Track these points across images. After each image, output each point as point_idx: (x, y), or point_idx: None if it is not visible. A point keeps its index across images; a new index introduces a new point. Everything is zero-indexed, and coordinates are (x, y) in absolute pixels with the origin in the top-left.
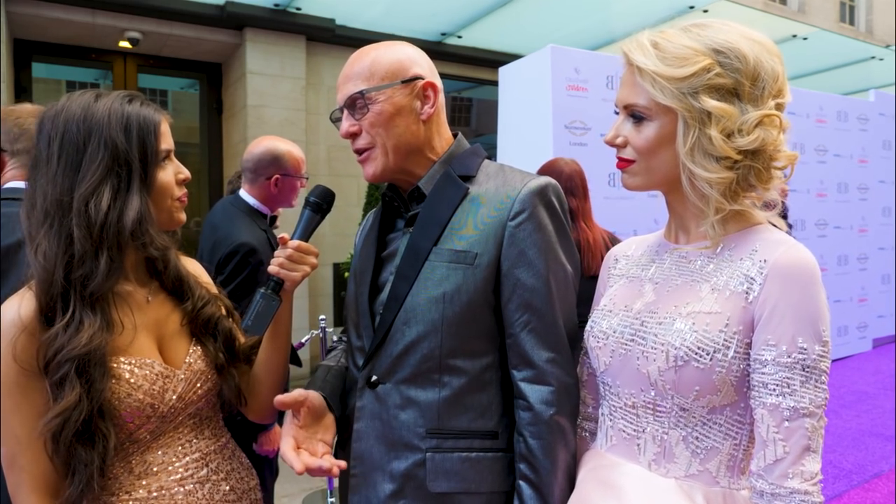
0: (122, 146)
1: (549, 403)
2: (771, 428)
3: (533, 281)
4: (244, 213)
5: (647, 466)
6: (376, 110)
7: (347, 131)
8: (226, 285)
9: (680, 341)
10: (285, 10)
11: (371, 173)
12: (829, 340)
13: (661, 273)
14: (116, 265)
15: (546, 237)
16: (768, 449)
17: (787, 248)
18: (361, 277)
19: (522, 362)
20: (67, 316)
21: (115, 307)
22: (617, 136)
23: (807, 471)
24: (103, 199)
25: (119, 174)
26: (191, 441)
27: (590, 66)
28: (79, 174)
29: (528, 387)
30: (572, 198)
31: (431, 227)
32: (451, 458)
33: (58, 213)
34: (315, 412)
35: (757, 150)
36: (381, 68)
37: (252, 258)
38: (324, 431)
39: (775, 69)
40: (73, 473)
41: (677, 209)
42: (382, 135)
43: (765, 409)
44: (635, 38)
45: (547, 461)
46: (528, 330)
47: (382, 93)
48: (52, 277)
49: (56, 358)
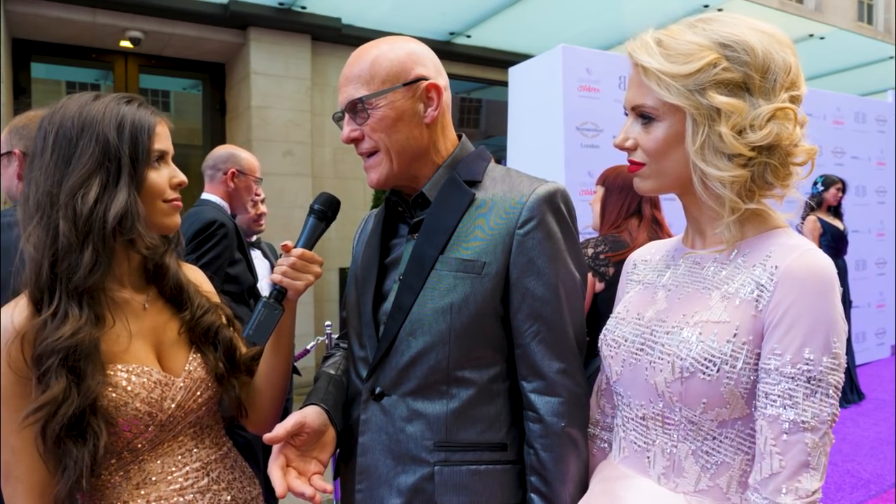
0: (114, 142)
1: (560, 415)
2: (769, 440)
3: (542, 290)
4: (208, 207)
5: (656, 480)
6: (377, 116)
7: (349, 136)
8: (200, 260)
9: (686, 351)
10: (290, 8)
11: (375, 180)
12: (840, 353)
13: (675, 279)
14: (102, 259)
15: (555, 245)
16: (765, 462)
17: (801, 254)
18: (364, 284)
19: (532, 373)
20: (52, 307)
21: (106, 306)
22: (626, 139)
23: (802, 488)
24: (91, 193)
25: (108, 169)
26: (191, 450)
27: (602, 66)
28: (69, 167)
29: (538, 398)
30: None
31: (437, 234)
32: (460, 472)
33: (47, 205)
34: (314, 433)
35: (772, 145)
36: (381, 71)
37: (220, 230)
38: (320, 449)
39: (787, 60)
40: (63, 470)
41: (693, 212)
42: (385, 140)
43: (764, 421)
44: (640, 37)
45: (558, 473)
46: (537, 340)
47: (383, 98)
48: (41, 269)
49: (39, 350)
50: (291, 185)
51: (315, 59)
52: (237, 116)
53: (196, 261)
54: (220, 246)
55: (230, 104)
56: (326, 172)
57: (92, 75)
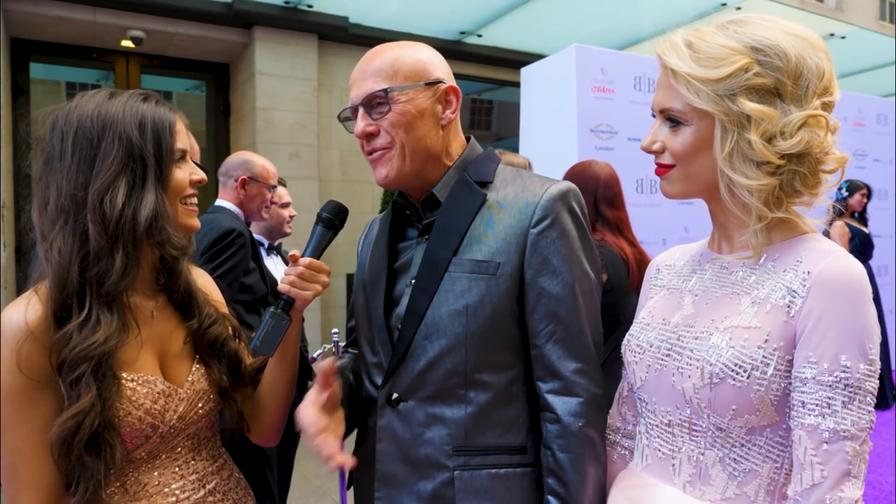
0: (137, 141)
1: (578, 415)
2: (809, 450)
3: (558, 290)
4: (224, 214)
5: (681, 488)
6: (398, 110)
7: (364, 131)
8: (217, 270)
9: (716, 357)
10: (296, 7)
11: (384, 175)
12: (876, 359)
13: (702, 284)
14: (133, 263)
15: (570, 244)
16: (805, 473)
17: (834, 259)
18: (373, 290)
19: (549, 374)
20: (83, 315)
21: (129, 312)
22: (654, 142)
23: (845, 497)
24: (118, 195)
25: (134, 170)
26: (188, 462)
27: (617, 66)
28: (93, 169)
29: (555, 399)
30: (612, 208)
31: (450, 236)
32: (480, 476)
33: (72, 209)
34: (333, 400)
35: (802, 153)
36: (405, 67)
37: (238, 240)
38: (336, 424)
39: (820, 66)
40: (78, 483)
41: (720, 218)
42: (402, 136)
43: (803, 430)
44: (669, 37)
45: (576, 475)
46: (553, 340)
47: (405, 93)
48: (68, 275)
49: (71, 356)
50: (298, 188)
51: (322, 59)
52: (242, 118)
53: (213, 271)
54: (237, 256)
55: (234, 105)
56: (334, 176)
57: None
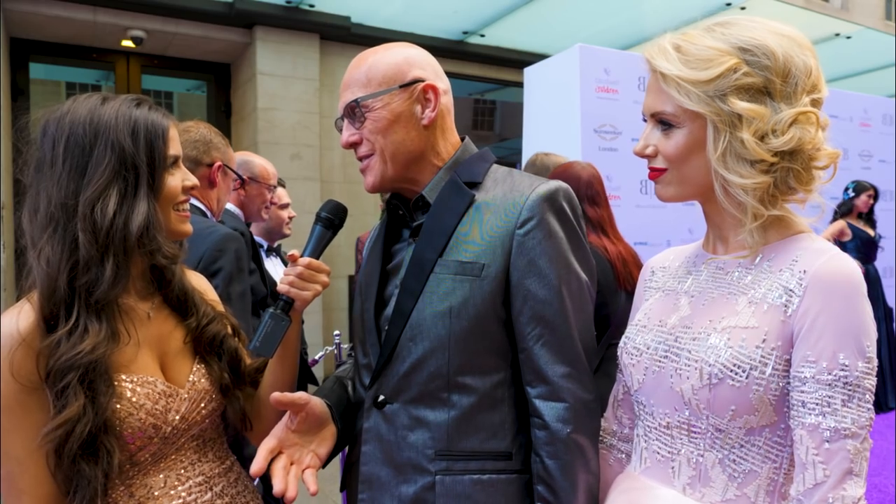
0: (130, 149)
1: (566, 421)
2: (810, 450)
3: (544, 292)
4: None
5: (681, 490)
6: (373, 117)
7: (347, 141)
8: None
9: (714, 358)
10: (298, 7)
11: (370, 183)
12: (873, 357)
13: (698, 286)
14: (123, 272)
15: (557, 245)
16: (807, 472)
17: (829, 258)
18: (367, 291)
19: (536, 378)
20: (70, 323)
21: (120, 319)
22: (646, 146)
23: (848, 495)
24: (110, 204)
25: (126, 178)
26: (194, 464)
27: (621, 66)
28: (85, 177)
29: (542, 404)
30: (594, 207)
31: (436, 237)
32: (462, 481)
33: (62, 218)
34: (315, 420)
35: (794, 150)
36: (377, 73)
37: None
38: (319, 443)
39: (807, 63)
40: (76, 491)
41: (714, 218)
42: (381, 142)
43: (804, 430)
44: (657, 42)
45: (566, 482)
46: (541, 344)
47: (379, 99)
48: (56, 284)
49: (58, 366)
50: (299, 189)
51: (324, 59)
52: (243, 118)
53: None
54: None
55: (236, 106)
56: (335, 176)
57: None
